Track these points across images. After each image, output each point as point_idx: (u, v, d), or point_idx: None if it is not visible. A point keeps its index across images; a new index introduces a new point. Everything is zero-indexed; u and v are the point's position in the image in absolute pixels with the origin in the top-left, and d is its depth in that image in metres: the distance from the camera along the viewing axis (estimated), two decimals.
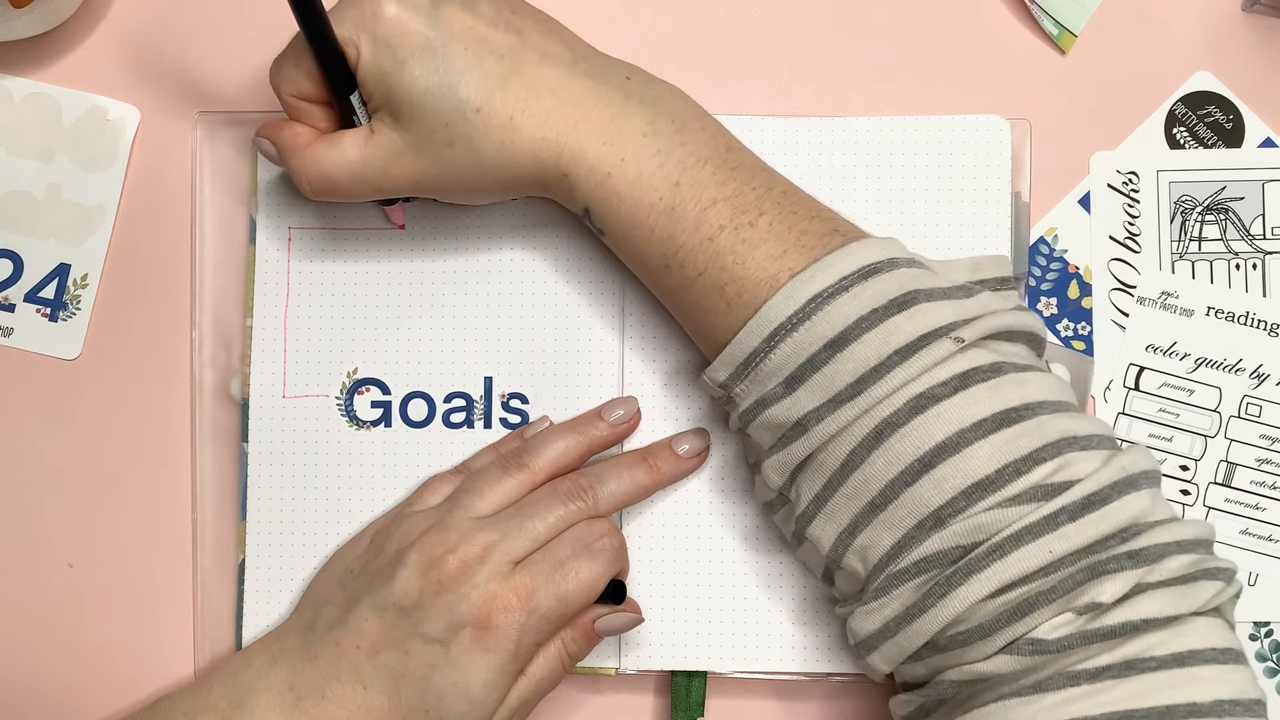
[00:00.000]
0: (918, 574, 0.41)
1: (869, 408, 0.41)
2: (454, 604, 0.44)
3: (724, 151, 0.45)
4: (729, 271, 0.43)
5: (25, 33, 0.53)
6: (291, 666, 0.46)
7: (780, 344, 0.42)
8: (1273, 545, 0.52)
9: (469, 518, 0.46)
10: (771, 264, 0.42)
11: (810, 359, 0.41)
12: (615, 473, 0.48)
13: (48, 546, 0.54)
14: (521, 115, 0.44)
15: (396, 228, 0.53)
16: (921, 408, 0.40)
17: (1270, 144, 0.53)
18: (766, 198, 0.44)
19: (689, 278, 0.44)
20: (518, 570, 0.45)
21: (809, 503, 0.43)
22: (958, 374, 0.41)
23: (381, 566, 0.46)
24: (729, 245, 0.43)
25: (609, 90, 0.45)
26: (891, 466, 0.41)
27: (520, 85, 0.44)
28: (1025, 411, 0.40)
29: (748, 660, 0.50)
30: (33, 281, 0.55)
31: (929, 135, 0.51)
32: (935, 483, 0.40)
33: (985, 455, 0.40)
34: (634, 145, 0.44)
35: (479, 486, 0.48)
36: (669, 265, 0.44)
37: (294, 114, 0.47)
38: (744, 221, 0.43)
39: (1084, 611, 0.38)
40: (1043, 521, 0.39)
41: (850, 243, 0.42)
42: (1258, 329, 0.52)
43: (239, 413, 0.53)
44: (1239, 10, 0.54)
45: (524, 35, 0.45)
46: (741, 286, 0.43)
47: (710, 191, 0.44)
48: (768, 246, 0.43)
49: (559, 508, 0.47)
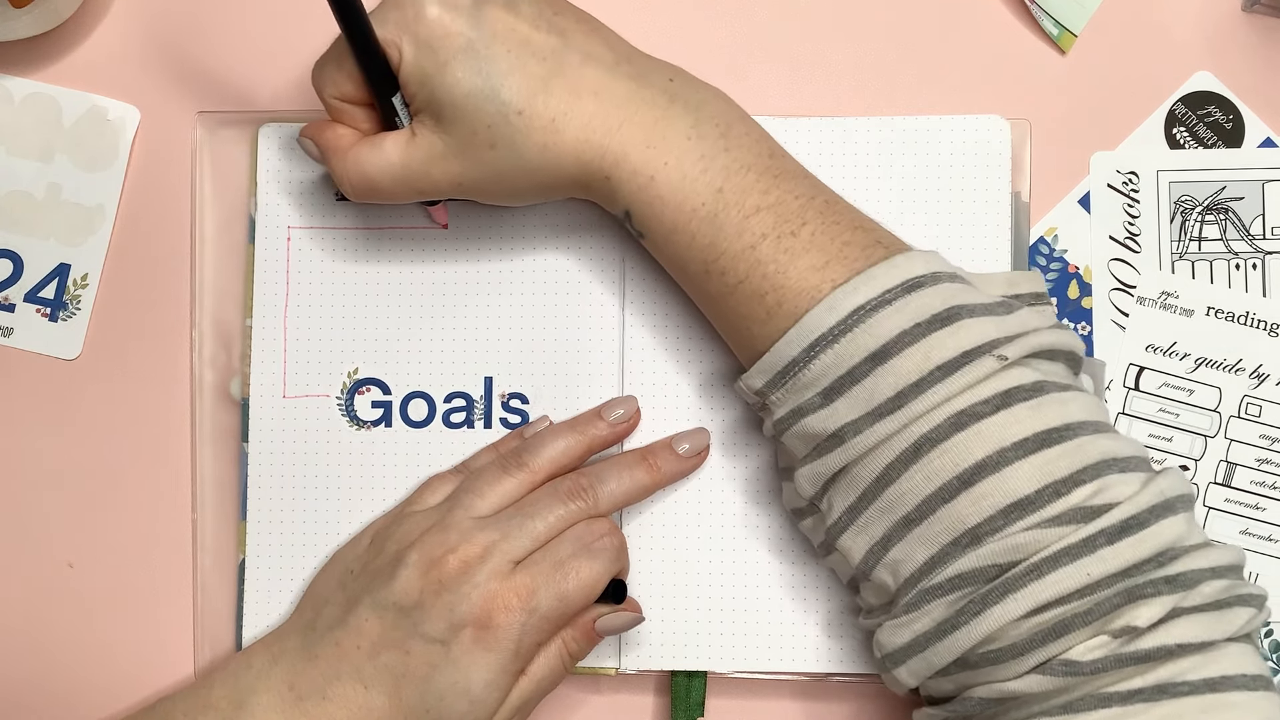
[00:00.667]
0: (951, 590, 0.40)
1: (909, 422, 0.41)
2: (454, 604, 0.44)
3: (767, 158, 0.44)
4: (770, 280, 0.43)
5: (25, 33, 0.53)
6: (292, 666, 0.46)
7: (820, 354, 0.41)
8: (1273, 545, 0.52)
9: (469, 517, 0.46)
10: (814, 274, 0.42)
11: (850, 371, 0.41)
12: (615, 472, 0.48)
13: (48, 546, 0.54)
14: (564, 117, 0.44)
15: (439, 227, 0.52)
16: (962, 425, 0.40)
17: (1270, 144, 0.53)
18: (809, 207, 0.43)
19: (729, 285, 0.44)
20: (518, 570, 0.45)
21: (841, 514, 0.43)
22: (1000, 392, 0.40)
23: (382, 566, 0.46)
24: (771, 254, 0.43)
25: (653, 93, 0.45)
26: (929, 482, 0.40)
27: (563, 87, 0.44)
28: (1066, 432, 0.40)
29: (748, 660, 0.50)
30: (33, 281, 0.55)
31: (929, 135, 0.51)
32: (973, 500, 0.40)
33: (1026, 475, 0.39)
34: (678, 149, 0.44)
35: (479, 486, 0.48)
36: (709, 271, 0.44)
37: (336, 115, 0.47)
38: (786, 230, 0.43)
39: (1119, 635, 0.38)
40: (1081, 544, 0.39)
41: (894, 255, 0.42)
42: (1258, 329, 0.52)
43: (239, 413, 0.53)
44: (1239, 10, 0.54)
45: (566, 36, 0.45)
46: (782, 295, 0.43)
47: (754, 199, 0.43)
48: (810, 256, 0.42)
49: (559, 507, 0.47)
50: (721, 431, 0.51)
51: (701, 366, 0.51)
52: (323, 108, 0.47)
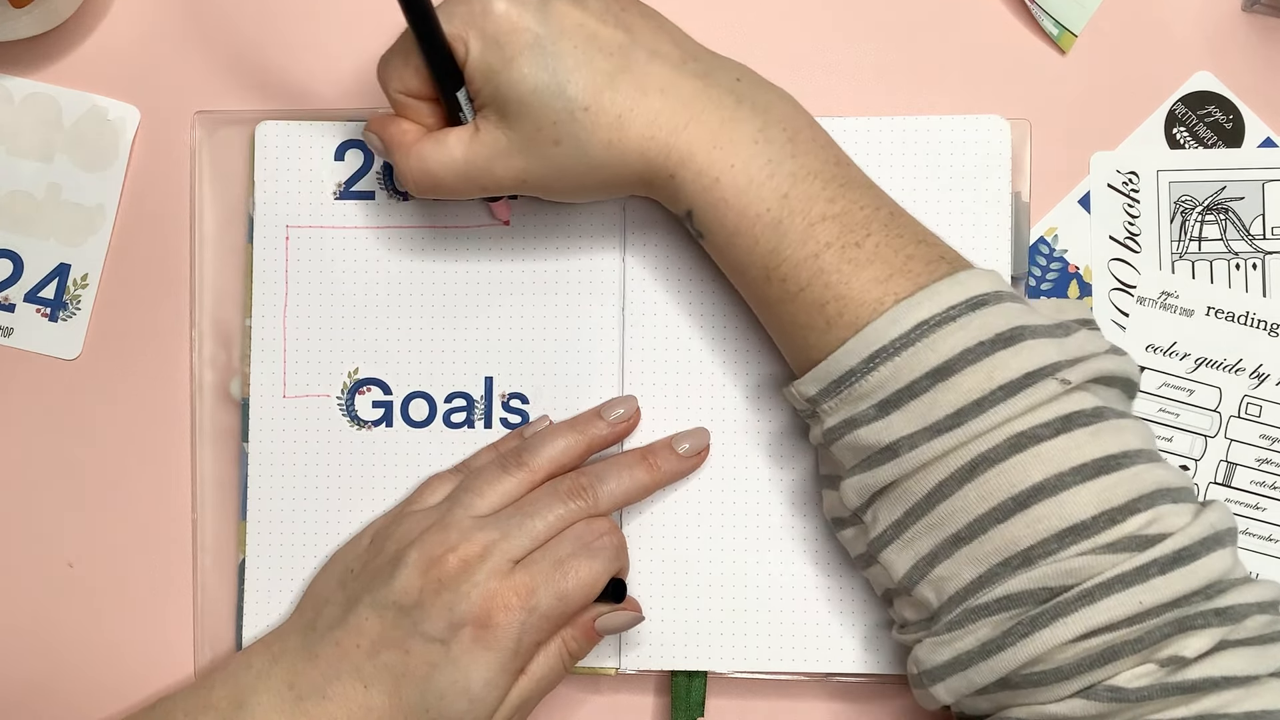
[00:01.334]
0: (998, 611, 0.40)
1: (967, 440, 0.40)
2: (454, 603, 0.44)
3: (834, 166, 0.44)
4: (832, 290, 0.42)
5: (25, 33, 0.53)
6: (292, 666, 0.46)
7: (880, 366, 0.41)
8: (1273, 545, 0.52)
9: (469, 516, 0.46)
10: (877, 286, 0.42)
11: (910, 385, 0.41)
12: (615, 471, 0.48)
13: (48, 546, 0.54)
14: (630, 114, 0.43)
15: (501, 224, 0.52)
16: (1021, 446, 0.40)
17: (1270, 144, 0.53)
18: (874, 218, 0.43)
19: (789, 292, 0.43)
20: (518, 569, 0.45)
21: (887, 527, 0.43)
22: (1061, 416, 0.40)
23: (381, 566, 0.46)
24: (834, 263, 0.42)
25: (720, 92, 0.44)
26: (983, 501, 0.40)
27: (629, 84, 0.44)
28: (1124, 460, 0.40)
29: (748, 660, 0.50)
30: (33, 281, 0.55)
31: (929, 135, 0.51)
32: (1028, 523, 0.40)
33: (1083, 501, 0.39)
34: (745, 152, 0.43)
35: (478, 485, 0.48)
36: (770, 277, 0.44)
37: (400, 110, 0.47)
38: (851, 241, 0.43)
39: (1166, 664, 0.39)
40: (1134, 572, 0.39)
41: (958, 272, 0.42)
42: (1258, 329, 0.52)
43: (239, 413, 0.53)
44: (1239, 10, 0.54)
45: (633, 32, 0.44)
46: (843, 306, 0.42)
47: (819, 207, 0.43)
48: (874, 268, 0.42)
49: (559, 506, 0.47)
50: (721, 433, 0.51)
51: (702, 366, 0.51)
52: (371, 106, 0.47)
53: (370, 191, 0.53)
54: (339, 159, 0.53)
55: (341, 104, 0.54)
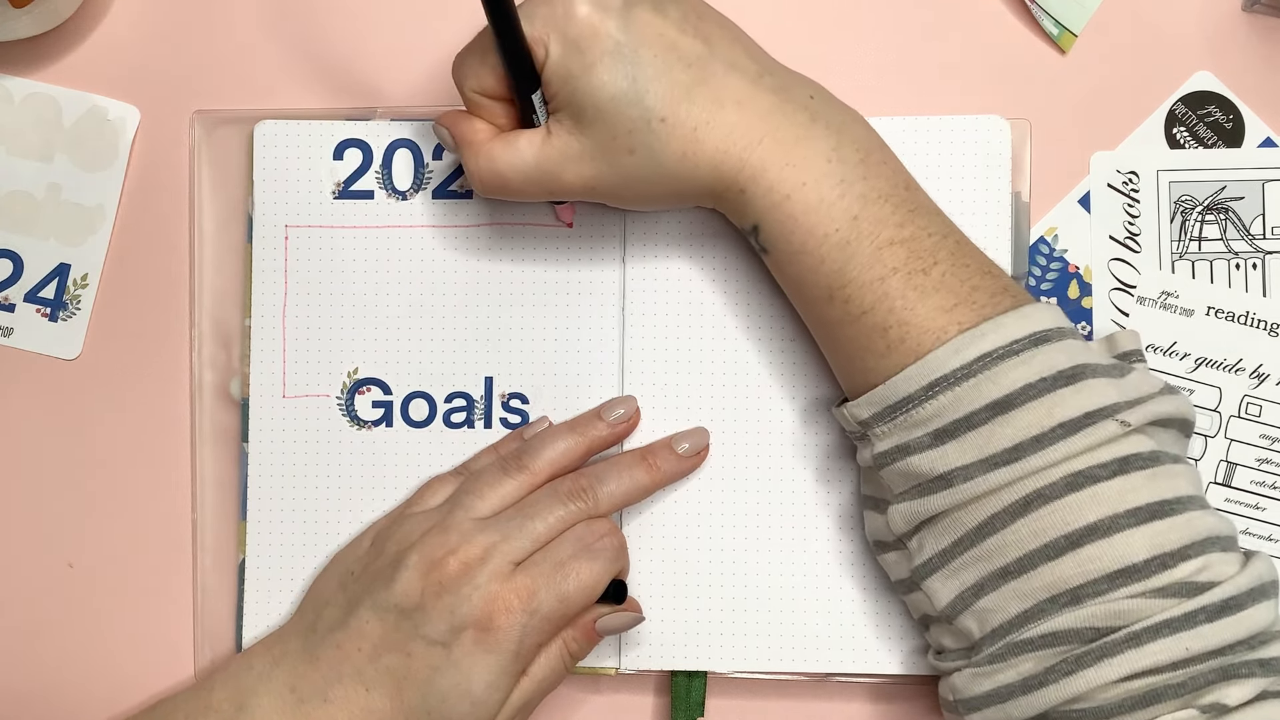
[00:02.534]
0: (1042, 647, 0.40)
1: (1023, 476, 0.40)
2: (455, 605, 0.44)
3: (903, 190, 0.44)
4: (896, 315, 0.42)
5: (25, 33, 0.53)
6: (293, 669, 0.46)
7: (939, 395, 0.41)
8: (1273, 545, 0.52)
9: (469, 518, 0.46)
10: (941, 315, 0.42)
11: (968, 416, 0.41)
12: (615, 472, 0.48)
13: (48, 546, 0.54)
14: (706, 127, 0.43)
15: (565, 226, 0.52)
16: (1078, 485, 0.40)
17: (1270, 144, 0.53)
18: (942, 246, 0.43)
19: (851, 314, 0.43)
20: (518, 571, 0.45)
21: (933, 556, 0.43)
22: (1119, 458, 0.40)
23: (382, 568, 0.46)
24: (900, 289, 0.42)
25: (794, 109, 0.44)
26: (1035, 538, 0.40)
27: (706, 96, 0.43)
28: (1178, 505, 0.40)
29: (747, 660, 0.50)
30: (33, 281, 0.55)
31: (929, 135, 0.51)
32: (1080, 562, 0.40)
33: (1137, 544, 0.40)
34: (817, 171, 0.43)
35: (479, 487, 0.48)
36: (833, 297, 0.44)
37: (474, 109, 0.47)
38: (918, 268, 0.42)
39: (1207, 710, 0.39)
40: (1183, 618, 0.39)
41: (1022, 305, 0.42)
42: (1258, 329, 0.52)
43: (239, 412, 0.53)
44: (1239, 10, 0.54)
45: (712, 43, 0.44)
46: (906, 332, 0.42)
47: (889, 231, 0.43)
48: (939, 296, 0.42)
49: (559, 508, 0.47)
50: (721, 433, 0.51)
51: (701, 366, 0.51)
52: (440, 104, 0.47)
53: (369, 191, 0.53)
54: (338, 158, 0.53)
55: (341, 103, 0.54)
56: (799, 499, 0.51)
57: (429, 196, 0.53)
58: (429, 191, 0.53)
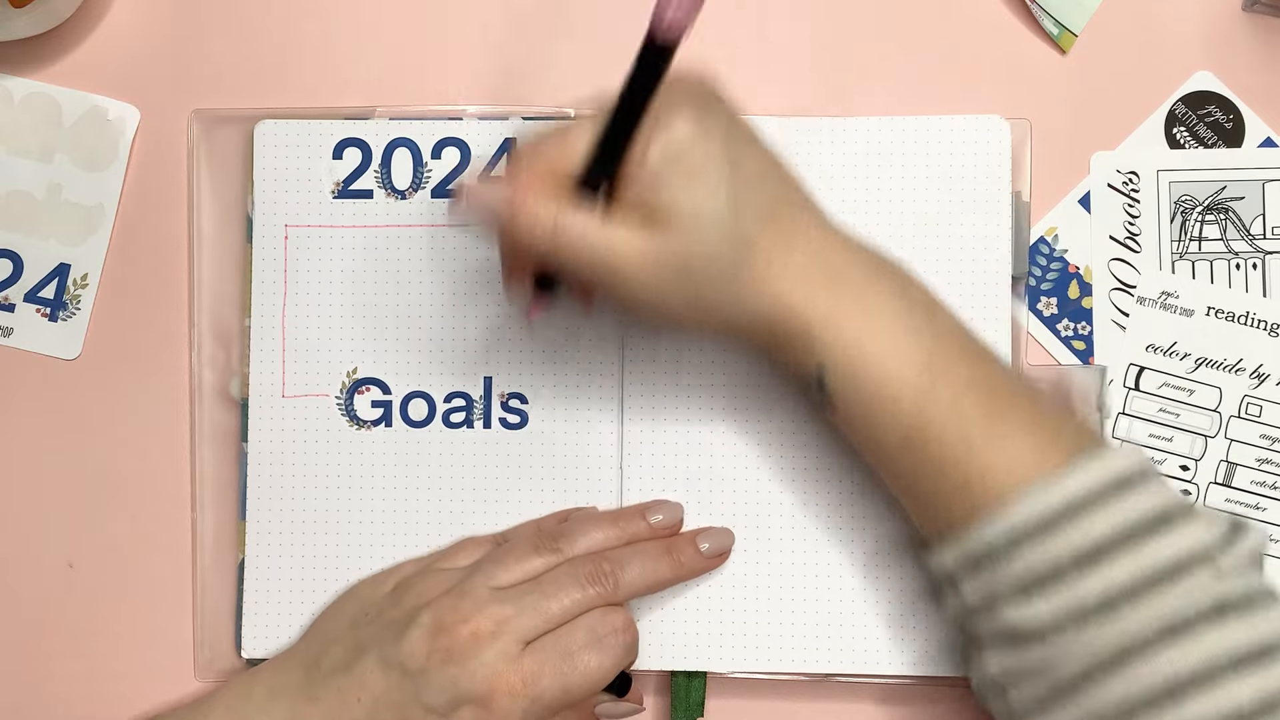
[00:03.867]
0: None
1: (1116, 627, 0.39)
2: (458, 678, 0.44)
3: (969, 338, 0.44)
4: (977, 462, 0.41)
5: (25, 33, 0.53)
6: (291, 706, 0.46)
7: (1025, 548, 0.40)
8: (1273, 545, 0.52)
9: (487, 587, 0.46)
10: (1022, 461, 0.41)
11: (1055, 569, 0.40)
12: (639, 561, 0.47)
13: (48, 546, 0.54)
14: (779, 263, 0.43)
15: (527, 320, 0.52)
16: (1175, 634, 0.39)
17: (1270, 144, 0.53)
18: (1018, 389, 0.43)
19: (930, 460, 0.42)
20: (527, 652, 0.44)
21: (1030, 703, 0.42)
22: (1214, 604, 0.39)
23: (395, 619, 0.46)
24: (979, 435, 0.42)
25: (865, 256, 0.44)
26: (1136, 691, 0.39)
27: (781, 231, 0.43)
28: (1277, 650, 0.39)
29: (748, 660, 0.50)
30: (33, 281, 0.55)
31: (929, 135, 0.51)
32: (1184, 714, 0.39)
33: (1243, 692, 0.39)
34: (888, 316, 0.43)
35: (506, 559, 0.47)
36: (908, 446, 0.43)
37: (531, 161, 0.44)
38: (996, 412, 0.42)
39: None
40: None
41: (1102, 448, 0.41)
42: (1258, 329, 0.52)
43: (239, 412, 0.53)
44: (1239, 10, 0.54)
45: (787, 180, 0.44)
46: (987, 480, 0.41)
47: (964, 372, 0.42)
48: (1017, 442, 0.41)
49: (577, 591, 0.46)
50: (721, 432, 0.51)
51: (700, 367, 0.51)
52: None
53: (369, 190, 0.53)
54: (337, 157, 0.53)
55: (340, 102, 0.54)
56: (799, 498, 0.51)
57: (428, 196, 0.53)
58: (428, 191, 0.53)
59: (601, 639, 0.45)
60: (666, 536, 0.49)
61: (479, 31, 0.55)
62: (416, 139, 0.53)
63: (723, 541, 0.50)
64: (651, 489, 0.51)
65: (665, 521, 0.49)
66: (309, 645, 0.48)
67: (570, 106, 0.54)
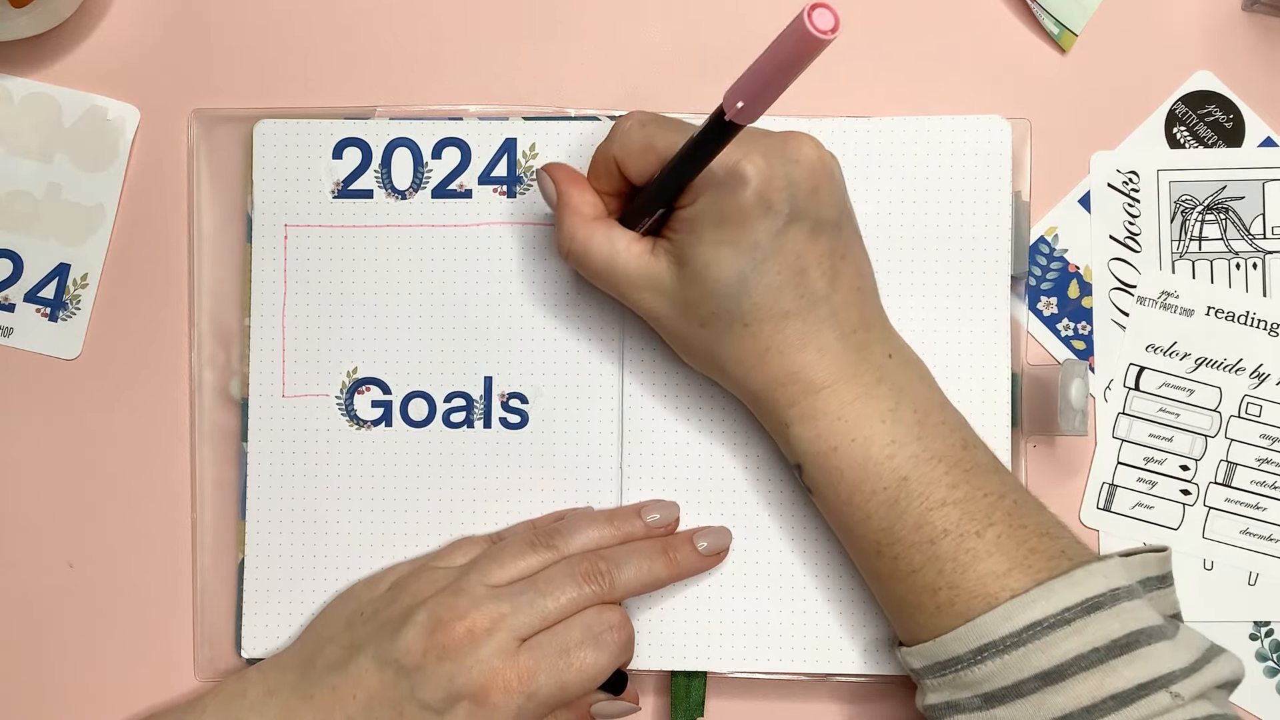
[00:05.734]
0: None
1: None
2: (454, 674, 0.44)
3: (960, 450, 0.44)
4: (946, 578, 0.42)
5: (25, 33, 0.53)
6: (285, 703, 0.46)
7: (988, 660, 0.41)
8: (1273, 545, 0.52)
9: (483, 584, 0.46)
10: (993, 581, 0.42)
11: (1017, 684, 0.41)
12: (635, 560, 0.47)
13: (48, 546, 0.54)
14: (778, 356, 0.44)
15: None
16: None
17: (1270, 143, 0.53)
18: (998, 507, 0.43)
19: (900, 571, 0.43)
20: (523, 650, 0.44)
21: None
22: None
23: (391, 617, 0.46)
24: (951, 552, 0.42)
25: (866, 369, 0.44)
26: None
27: (795, 331, 0.44)
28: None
29: (747, 660, 0.50)
30: (33, 281, 0.55)
31: (929, 135, 0.51)
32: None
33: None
34: (868, 429, 0.44)
35: (501, 556, 0.47)
36: (881, 553, 0.44)
37: (596, 170, 0.46)
38: (970, 530, 0.42)
39: None
40: None
41: (1075, 569, 0.42)
42: (1258, 329, 0.52)
43: (239, 412, 0.53)
44: (1239, 10, 0.54)
45: (835, 285, 0.44)
46: (955, 595, 0.42)
47: (940, 492, 0.43)
48: (991, 561, 0.42)
49: (572, 589, 0.46)
50: (721, 432, 0.51)
51: None
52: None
53: (369, 190, 0.53)
54: (337, 157, 0.53)
55: (340, 102, 0.54)
56: (799, 499, 0.51)
57: (428, 196, 0.53)
58: (428, 191, 0.53)
59: (597, 636, 0.45)
60: (663, 536, 0.49)
61: (479, 31, 0.55)
62: (416, 139, 0.53)
63: (720, 541, 0.50)
64: (651, 489, 0.51)
65: (661, 521, 0.49)
66: (304, 645, 0.48)
67: (570, 106, 0.54)
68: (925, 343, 0.50)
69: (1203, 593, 0.52)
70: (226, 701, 0.47)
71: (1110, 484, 0.52)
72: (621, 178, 0.46)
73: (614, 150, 0.46)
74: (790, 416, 0.44)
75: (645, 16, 0.55)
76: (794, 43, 0.35)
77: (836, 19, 0.34)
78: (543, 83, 0.54)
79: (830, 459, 0.44)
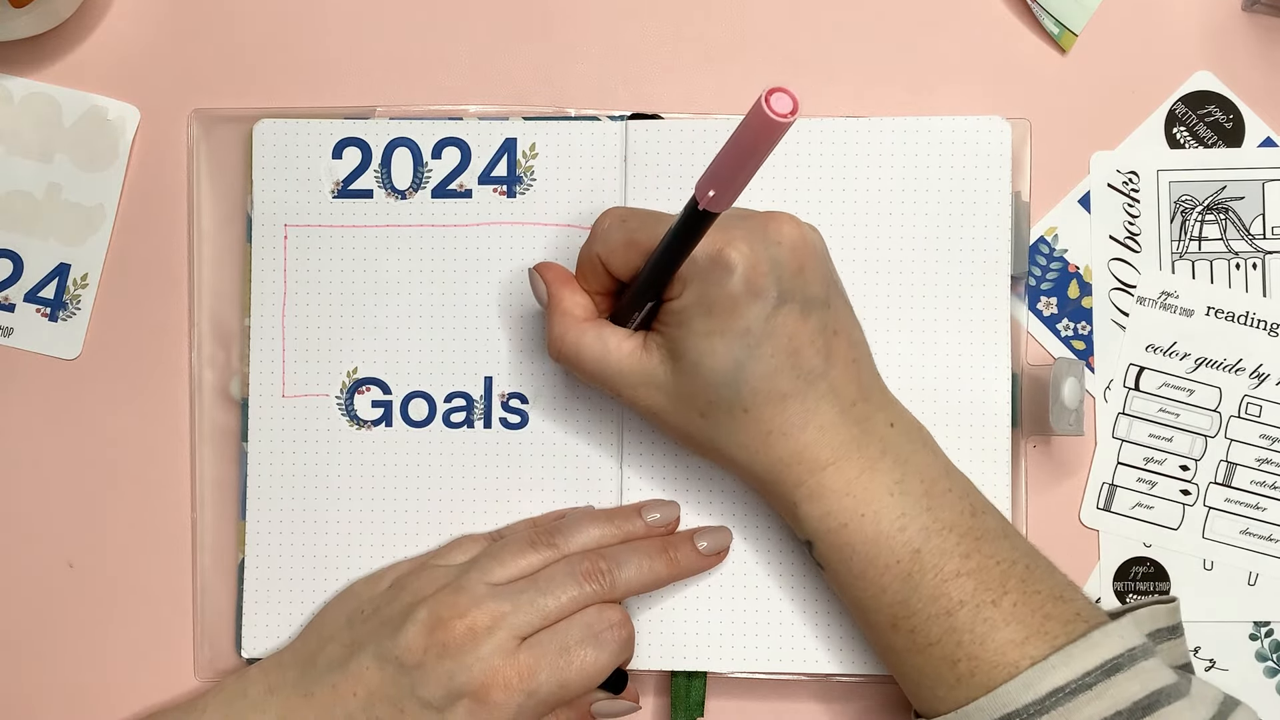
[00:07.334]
0: None
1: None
2: (455, 672, 0.44)
3: (969, 517, 0.44)
4: (964, 649, 0.42)
5: (25, 33, 0.53)
6: (286, 701, 0.46)
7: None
8: (1273, 545, 0.52)
9: (484, 582, 0.46)
10: (1012, 650, 0.42)
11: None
12: (635, 559, 0.47)
13: (48, 546, 0.54)
14: (780, 437, 0.44)
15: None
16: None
17: (1270, 144, 0.53)
18: (1010, 574, 0.43)
19: (918, 644, 0.43)
20: (523, 648, 0.45)
21: None
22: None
23: (391, 615, 0.46)
24: (968, 623, 0.42)
25: (870, 441, 0.44)
26: None
27: (794, 411, 0.44)
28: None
29: (748, 660, 0.50)
30: (33, 281, 0.55)
31: (929, 135, 0.51)
32: None
33: None
34: (877, 503, 0.43)
35: (502, 554, 0.47)
36: (897, 627, 0.44)
37: (584, 270, 0.47)
38: (986, 600, 0.42)
39: None
40: None
41: (1093, 631, 0.42)
42: (1258, 329, 0.52)
43: (239, 412, 0.53)
44: (1239, 10, 0.54)
45: (829, 361, 0.44)
46: (975, 666, 0.42)
47: (953, 564, 0.43)
48: (1010, 629, 0.42)
49: (573, 588, 0.46)
50: None
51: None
52: None
53: (368, 190, 0.53)
54: (337, 157, 0.53)
55: (340, 102, 0.54)
56: None
57: (428, 196, 0.53)
58: (428, 191, 0.53)
59: (598, 635, 0.45)
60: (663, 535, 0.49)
61: (479, 31, 0.55)
62: (416, 139, 0.53)
63: (720, 540, 0.50)
64: (651, 489, 0.51)
65: (661, 520, 0.49)
66: (305, 643, 0.48)
67: (570, 106, 0.54)
68: (925, 343, 0.50)
69: (1203, 593, 0.52)
70: (227, 700, 0.47)
71: (1110, 484, 0.52)
72: (608, 276, 0.46)
73: (596, 249, 0.46)
74: (798, 496, 0.44)
75: (645, 16, 0.55)
76: (755, 129, 0.35)
77: (795, 102, 0.34)
78: (543, 83, 0.54)
79: (840, 535, 0.44)
